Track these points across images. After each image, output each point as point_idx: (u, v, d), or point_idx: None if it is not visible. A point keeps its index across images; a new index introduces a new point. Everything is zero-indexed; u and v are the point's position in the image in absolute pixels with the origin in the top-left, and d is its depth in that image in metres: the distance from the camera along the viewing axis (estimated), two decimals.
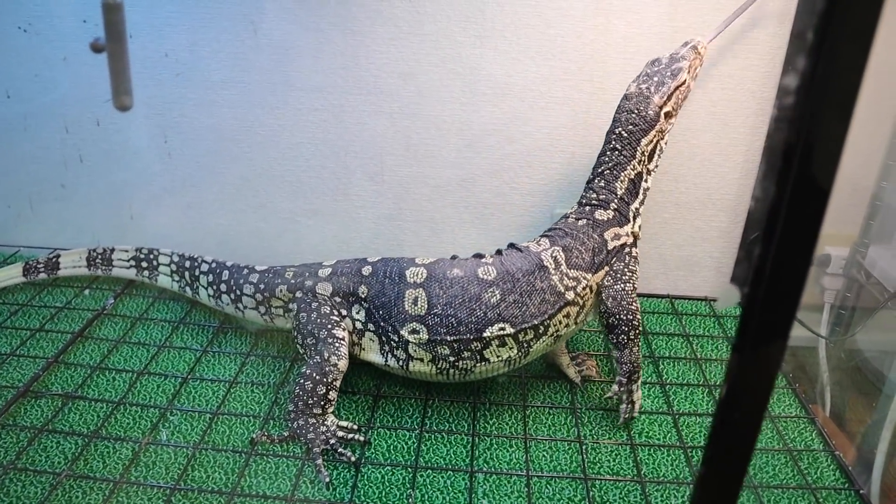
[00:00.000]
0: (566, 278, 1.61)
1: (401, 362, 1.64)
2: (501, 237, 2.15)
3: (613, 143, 1.70)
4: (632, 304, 1.65)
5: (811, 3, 0.61)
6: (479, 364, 1.60)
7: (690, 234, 2.16)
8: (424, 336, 1.59)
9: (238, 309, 1.84)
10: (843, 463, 1.58)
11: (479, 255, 1.71)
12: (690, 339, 2.01)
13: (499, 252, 1.71)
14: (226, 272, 1.86)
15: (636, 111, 1.68)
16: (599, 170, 1.72)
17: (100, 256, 2.06)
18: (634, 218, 1.72)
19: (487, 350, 1.59)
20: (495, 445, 1.60)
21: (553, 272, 1.61)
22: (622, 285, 1.65)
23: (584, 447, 1.61)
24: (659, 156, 1.74)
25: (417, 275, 1.64)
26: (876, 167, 2.05)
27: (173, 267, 1.97)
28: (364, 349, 1.68)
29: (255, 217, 2.19)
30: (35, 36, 2.01)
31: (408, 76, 1.99)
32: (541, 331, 1.60)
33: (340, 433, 1.58)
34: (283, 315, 1.78)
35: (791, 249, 0.70)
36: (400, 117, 2.04)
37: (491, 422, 1.68)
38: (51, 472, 1.45)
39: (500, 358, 1.60)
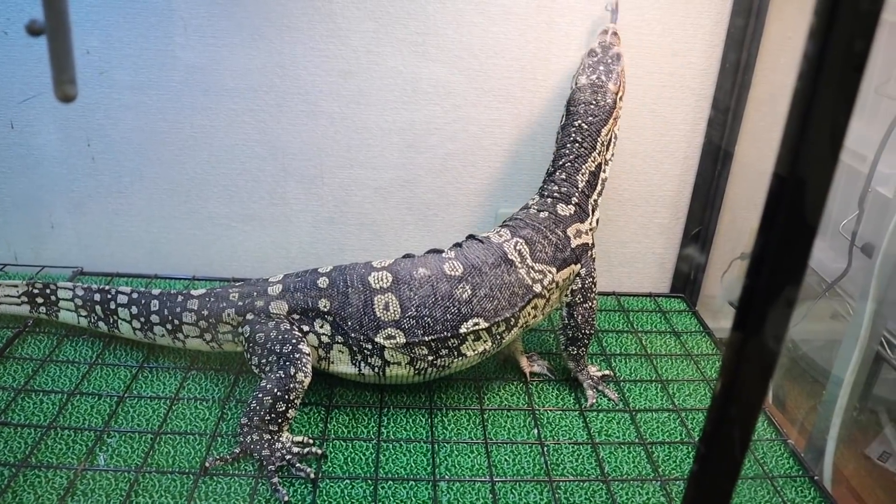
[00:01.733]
0: (532, 271, 1.62)
1: (376, 369, 1.59)
2: (446, 238, 2.10)
3: (573, 135, 1.70)
4: (594, 321, 1.73)
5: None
6: (456, 359, 1.60)
7: (634, 230, 2.18)
8: (402, 339, 1.55)
9: (177, 339, 1.70)
10: (795, 451, 1.61)
11: (435, 251, 1.68)
12: (639, 335, 2.02)
13: (458, 245, 1.68)
14: (154, 302, 1.69)
15: (594, 101, 1.69)
16: (560, 162, 1.72)
17: None
18: (593, 210, 1.74)
19: (464, 345, 1.58)
20: (456, 452, 1.56)
21: (520, 265, 1.61)
22: (590, 304, 1.71)
23: (545, 449, 1.58)
24: (614, 144, 1.77)
25: (382, 279, 1.58)
26: None
27: (78, 301, 1.75)
28: (333, 362, 1.61)
29: (188, 224, 2.07)
30: None
31: (347, 74, 1.93)
32: (512, 323, 1.61)
33: (296, 448, 1.50)
34: (231, 340, 1.66)
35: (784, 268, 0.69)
36: (339, 117, 1.97)
37: (449, 427, 1.63)
38: None
39: (475, 351, 1.60)
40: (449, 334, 1.56)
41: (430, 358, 1.58)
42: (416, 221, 2.10)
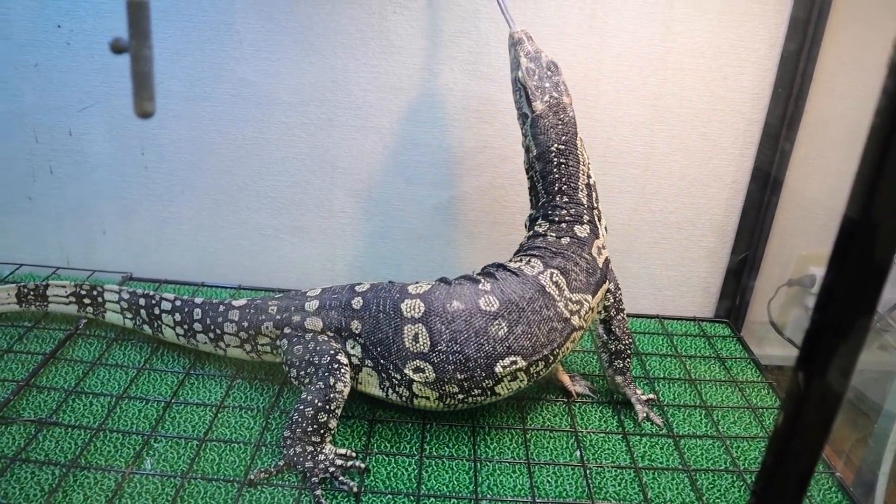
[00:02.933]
0: (570, 303, 1.58)
1: (404, 399, 1.57)
2: (490, 255, 2.10)
3: (555, 159, 1.65)
4: (629, 329, 1.73)
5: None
6: (489, 398, 1.56)
7: (679, 253, 2.16)
8: (432, 375, 1.52)
9: (219, 348, 1.72)
10: (843, 484, 1.58)
11: (469, 278, 1.64)
12: (683, 359, 2.00)
13: (491, 275, 1.63)
14: (197, 310, 1.72)
15: (560, 122, 1.64)
16: (555, 188, 1.66)
17: (32, 292, 1.85)
18: (599, 220, 1.71)
19: (499, 386, 1.54)
20: (498, 471, 1.55)
21: (558, 299, 1.57)
22: (622, 314, 1.70)
23: (588, 471, 1.57)
24: (583, 145, 1.71)
25: (414, 308, 1.55)
26: None
27: (123, 304, 1.80)
28: (361, 383, 1.60)
29: (235, 234, 2.10)
30: (4, 41, 1.90)
31: (398, 91, 1.95)
32: (550, 360, 1.57)
33: (339, 461, 1.51)
34: (270, 352, 1.68)
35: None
36: (389, 133, 1.99)
37: (492, 446, 1.63)
38: None
39: (510, 390, 1.56)
40: (483, 374, 1.52)
41: (461, 396, 1.55)
42: (461, 238, 2.11)
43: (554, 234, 1.66)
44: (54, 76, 1.93)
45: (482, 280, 1.61)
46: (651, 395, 1.80)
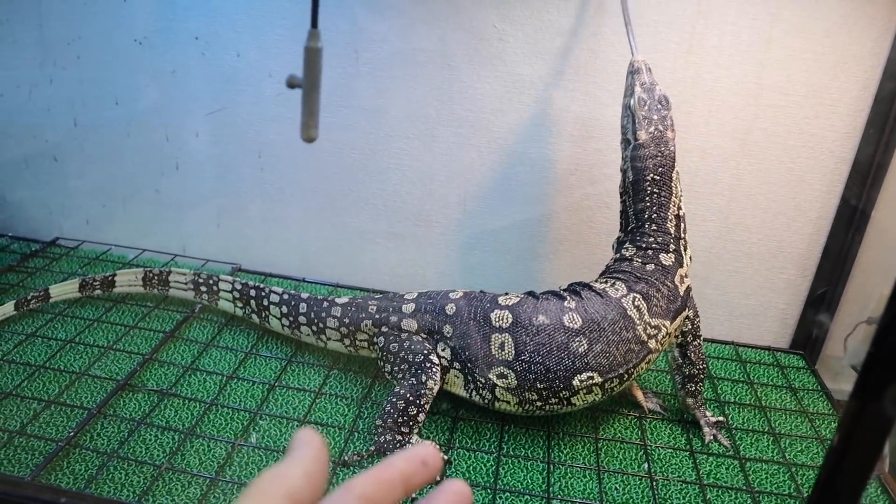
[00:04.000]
0: (649, 327, 1.68)
1: (486, 401, 1.70)
2: (573, 272, 2.21)
3: (649, 188, 1.73)
4: (705, 356, 1.79)
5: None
6: (565, 408, 1.67)
7: (759, 283, 2.22)
8: (514, 382, 1.64)
9: (320, 340, 1.88)
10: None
11: (555, 294, 1.74)
12: (755, 386, 2.06)
13: (576, 294, 1.72)
14: (303, 304, 1.88)
15: (660, 153, 1.73)
16: (645, 216, 1.75)
17: (156, 277, 2.06)
18: (685, 250, 1.79)
19: (575, 397, 1.65)
20: (570, 474, 1.66)
21: (638, 322, 1.66)
22: (699, 340, 1.79)
23: (654, 483, 1.65)
24: (679, 178, 1.78)
25: (503, 319, 1.67)
26: None
27: (235, 294, 1.99)
28: (448, 384, 1.73)
29: (337, 235, 2.27)
30: (149, 49, 2.12)
31: (498, 112, 2.08)
32: (625, 378, 1.67)
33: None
34: (367, 347, 1.83)
35: None
36: (487, 151, 2.12)
37: (565, 451, 1.73)
38: (151, 464, 1.53)
39: (585, 402, 1.67)
40: (561, 385, 1.62)
41: (539, 403, 1.66)
42: (548, 254, 2.22)
43: (640, 260, 1.75)
44: (188, 82, 2.14)
45: (568, 297, 1.71)
46: (720, 418, 1.87)
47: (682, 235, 1.78)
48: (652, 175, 1.73)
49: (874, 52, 1.95)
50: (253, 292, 1.96)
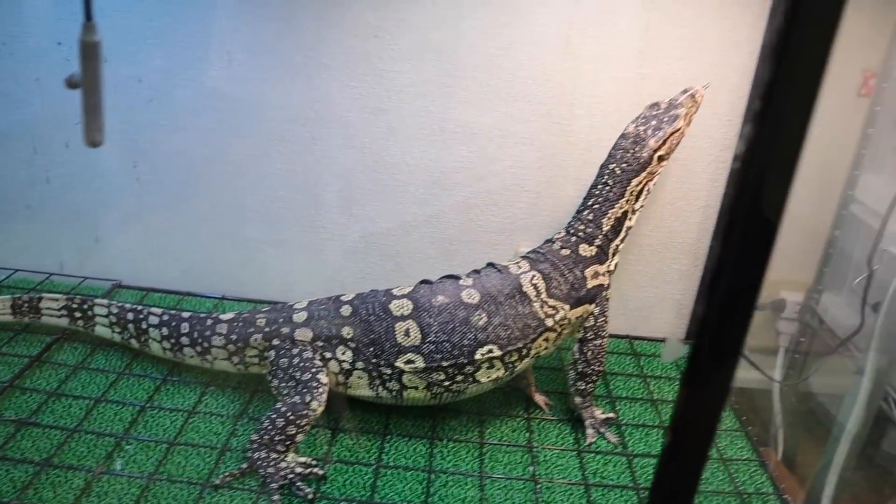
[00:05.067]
0: (546, 306, 1.69)
1: (393, 393, 1.67)
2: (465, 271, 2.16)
3: (606, 178, 1.76)
4: (604, 359, 1.78)
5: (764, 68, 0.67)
6: (471, 385, 1.67)
7: (652, 275, 2.20)
8: (421, 364, 1.63)
9: (206, 361, 1.79)
10: None
11: (449, 276, 1.75)
12: (648, 379, 2.04)
13: (476, 272, 1.75)
14: (185, 324, 1.78)
15: (631, 152, 1.74)
16: (589, 202, 1.78)
17: (26, 304, 1.90)
18: (614, 255, 1.80)
19: (479, 372, 1.65)
20: (451, 483, 1.61)
21: (534, 299, 1.68)
22: (600, 341, 1.77)
23: (538, 486, 1.62)
24: (646, 196, 1.80)
25: (403, 307, 1.67)
26: (830, 216, 2.11)
27: (112, 318, 1.86)
28: (351, 387, 1.70)
29: (222, 245, 2.19)
30: (9, 56, 2.00)
31: (379, 112, 2.02)
32: (524, 353, 1.68)
33: (299, 469, 1.58)
34: (257, 363, 1.75)
35: (738, 290, 0.75)
36: (370, 152, 2.06)
37: (448, 458, 1.69)
38: None
39: (489, 378, 1.67)
40: (465, 360, 1.63)
41: (447, 383, 1.65)
42: (438, 255, 2.17)
43: (560, 244, 1.77)
44: (54, 90, 2.03)
45: (463, 277, 1.74)
46: (611, 414, 1.85)
47: (616, 240, 1.79)
48: (614, 167, 1.75)
49: (750, 38, 1.94)
50: (130, 315, 1.84)
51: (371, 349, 1.65)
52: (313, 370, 1.65)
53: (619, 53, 1.97)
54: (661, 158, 1.76)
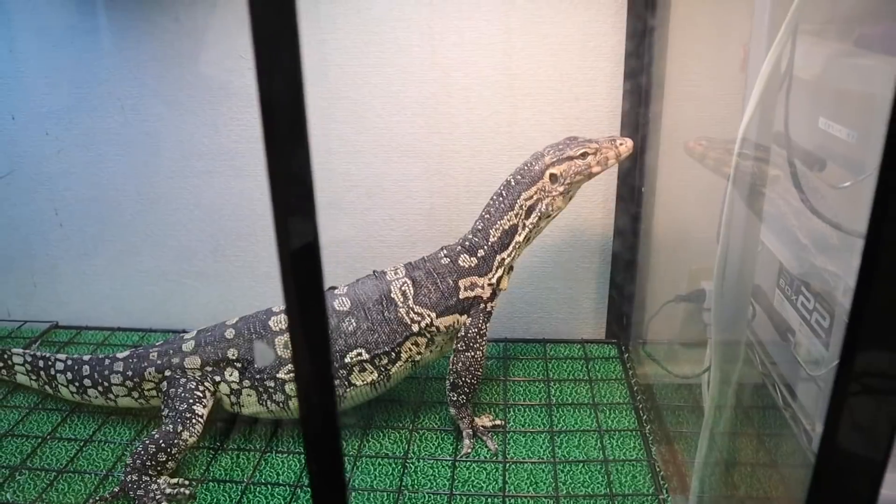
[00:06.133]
0: (412, 312, 1.72)
1: (280, 404, 1.75)
2: None
3: (501, 189, 1.77)
4: (478, 371, 1.77)
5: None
6: (348, 389, 1.73)
7: (562, 275, 2.17)
8: None
9: (109, 400, 1.87)
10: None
11: (332, 288, 1.80)
12: (551, 384, 2.00)
13: (357, 280, 1.81)
14: (86, 367, 1.87)
15: (526, 166, 1.75)
16: (483, 213, 1.79)
17: None
18: (498, 267, 1.77)
19: (352, 375, 1.72)
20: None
21: (400, 305, 1.73)
22: (473, 353, 1.76)
23: (402, 497, 1.62)
24: (539, 217, 1.74)
25: (280, 322, 1.76)
26: None
27: (27, 367, 1.97)
28: (243, 405, 1.78)
29: (145, 281, 2.30)
30: None
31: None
32: (393, 356, 1.73)
33: (168, 490, 1.63)
34: (156, 395, 1.82)
35: None
36: (263, 178, 2.12)
37: None
38: None
39: (364, 381, 1.73)
40: (337, 364, 1.70)
41: None
42: (345, 273, 2.18)
43: (445, 252, 1.80)
44: None
45: (339, 286, 1.80)
46: (498, 421, 1.83)
47: (503, 253, 1.77)
48: (510, 178, 1.76)
49: (615, 27, 1.90)
50: (41, 363, 1.94)
51: (255, 366, 1.73)
52: (190, 401, 1.73)
53: (486, 58, 1.96)
54: (552, 177, 1.71)
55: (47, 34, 2.07)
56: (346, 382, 1.73)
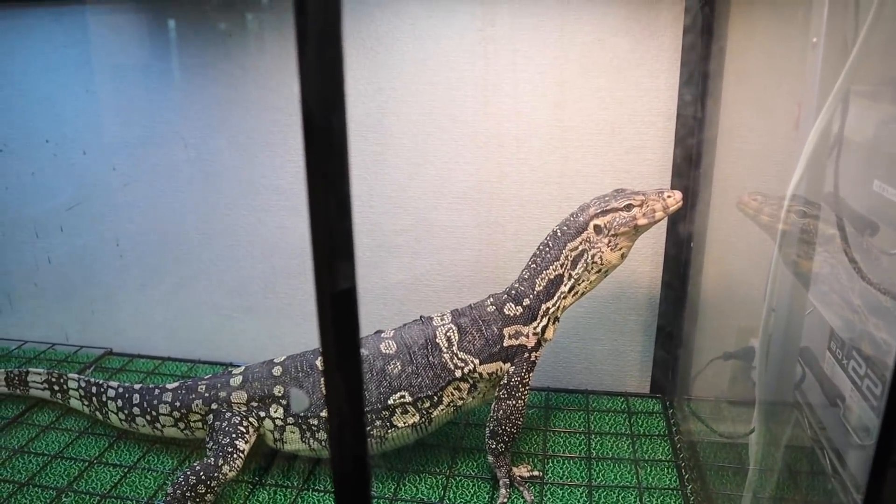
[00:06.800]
0: (456, 358, 1.74)
1: (322, 442, 1.77)
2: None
3: (548, 240, 1.78)
4: (519, 420, 1.76)
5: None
6: (390, 430, 1.75)
7: (608, 327, 2.15)
8: None
9: (156, 429, 1.91)
10: None
11: (379, 332, 1.84)
12: (592, 436, 1.97)
13: (406, 325, 1.83)
14: (136, 395, 1.92)
15: (572, 217, 1.76)
16: (530, 262, 1.80)
17: (17, 377, 2.11)
18: (545, 317, 1.76)
19: (394, 417, 1.74)
20: None
21: (444, 350, 1.74)
22: (514, 401, 1.75)
23: None
24: (585, 268, 1.73)
25: None
26: None
27: (81, 392, 2.03)
28: (286, 442, 1.81)
29: (198, 314, 2.36)
30: (9, 154, 2.31)
31: None
32: (435, 400, 1.74)
33: None
34: (202, 427, 1.87)
35: None
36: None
37: None
38: None
39: (406, 424, 1.74)
40: (380, 406, 1.72)
41: (368, 429, 1.73)
42: (392, 316, 2.23)
43: (491, 300, 1.81)
44: (46, 181, 2.32)
45: (386, 329, 1.84)
46: (536, 472, 1.81)
47: (548, 303, 1.76)
48: (557, 229, 1.77)
49: (668, 83, 1.92)
50: (94, 388, 2.00)
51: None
52: (233, 435, 1.76)
53: (538, 110, 1.99)
54: (597, 228, 1.71)
55: (121, 74, 2.19)
56: (388, 424, 1.74)
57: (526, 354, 1.76)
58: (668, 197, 1.71)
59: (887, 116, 1.40)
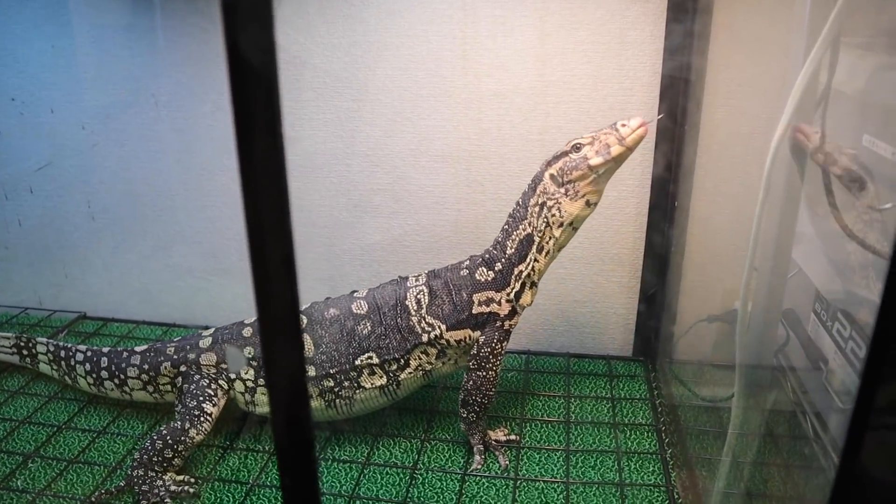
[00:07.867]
0: (423, 321, 1.69)
1: None
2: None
3: (520, 198, 1.68)
4: (490, 391, 1.70)
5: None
6: (357, 391, 1.71)
7: (591, 289, 2.10)
8: (312, 373, 1.69)
9: (125, 393, 1.87)
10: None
11: (353, 292, 1.79)
12: (571, 400, 1.93)
13: (384, 284, 1.79)
14: (104, 359, 1.88)
15: (536, 174, 1.64)
16: (504, 224, 1.71)
17: None
18: (517, 281, 1.67)
19: (362, 377, 1.70)
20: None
21: (413, 314, 1.70)
22: (484, 373, 1.69)
23: None
24: (548, 223, 1.61)
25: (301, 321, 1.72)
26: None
27: (50, 356, 1.99)
28: (257, 404, 1.77)
29: (173, 276, 2.31)
30: None
31: (294, 141, 2.07)
32: (402, 363, 1.70)
33: (174, 487, 1.62)
34: (171, 391, 1.83)
35: None
36: (292, 178, 2.11)
37: (325, 479, 1.67)
38: None
39: (373, 385, 1.71)
40: (348, 366, 1.69)
41: (336, 390, 1.71)
42: (371, 277, 2.18)
43: (468, 263, 1.74)
44: (13, 142, 2.24)
45: (358, 290, 1.80)
46: (513, 436, 1.77)
47: (521, 265, 1.65)
48: (530, 185, 1.65)
49: (654, 34, 1.84)
50: (63, 353, 1.96)
51: None
52: (201, 399, 1.72)
53: (519, 64, 1.92)
54: (553, 178, 1.58)
55: (87, 30, 2.10)
56: (355, 384, 1.71)
57: (498, 323, 1.68)
58: (623, 126, 1.51)
59: (879, 65, 1.34)
